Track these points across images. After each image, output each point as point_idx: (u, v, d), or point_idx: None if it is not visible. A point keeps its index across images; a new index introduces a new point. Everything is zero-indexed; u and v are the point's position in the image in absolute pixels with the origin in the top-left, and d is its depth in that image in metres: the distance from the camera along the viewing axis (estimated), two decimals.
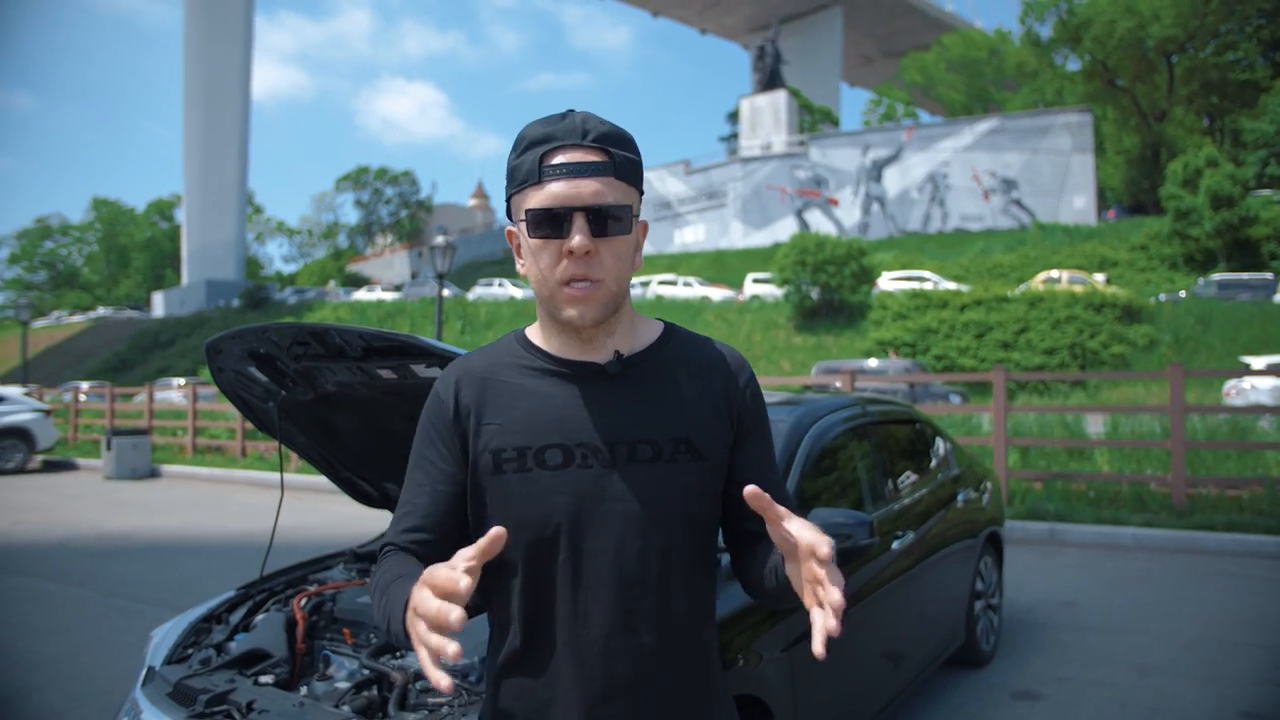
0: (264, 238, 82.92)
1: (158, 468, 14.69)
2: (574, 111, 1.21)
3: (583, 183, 1.16)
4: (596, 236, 1.17)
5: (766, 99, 49.43)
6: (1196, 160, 29.66)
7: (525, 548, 1.20)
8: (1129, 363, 22.59)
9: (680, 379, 1.28)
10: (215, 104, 56.45)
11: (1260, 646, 4.65)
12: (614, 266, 1.19)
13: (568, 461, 1.21)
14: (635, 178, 1.22)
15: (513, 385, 1.26)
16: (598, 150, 1.18)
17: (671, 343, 1.32)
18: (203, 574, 6.87)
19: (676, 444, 1.23)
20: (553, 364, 1.26)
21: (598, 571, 1.20)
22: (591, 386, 1.24)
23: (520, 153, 1.20)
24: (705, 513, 1.26)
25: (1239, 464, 8.69)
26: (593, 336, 1.24)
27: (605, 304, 1.20)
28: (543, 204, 1.16)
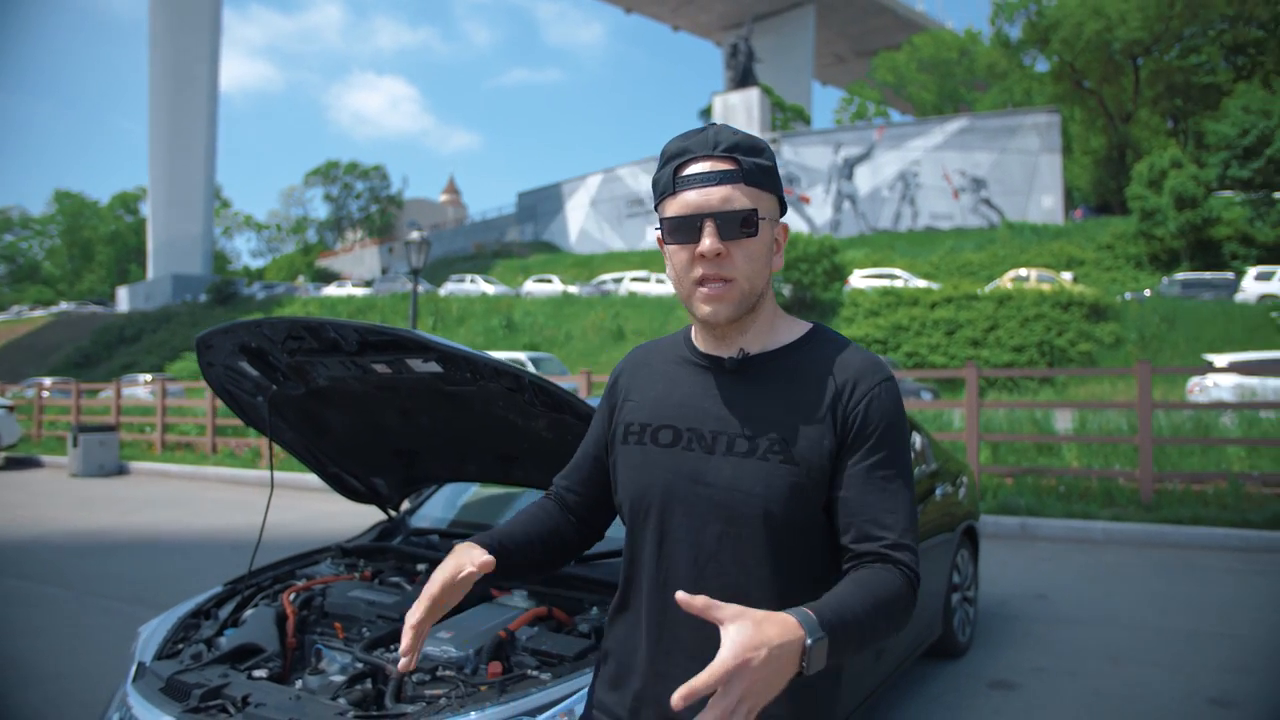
0: (231, 232, 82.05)
1: (126, 465, 14.48)
2: (713, 124, 1.31)
3: (712, 190, 1.25)
4: (725, 240, 1.25)
5: (739, 96, 49.57)
6: (1161, 161, 30.17)
7: (629, 513, 1.38)
8: (1095, 360, 22.96)
9: (799, 382, 1.31)
10: (182, 96, 55.61)
11: (1227, 636, 4.78)
12: (746, 266, 1.27)
13: (675, 442, 1.33)
14: (767, 183, 1.29)
15: (656, 370, 1.42)
16: (727, 159, 1.26)
17: (809, 346, 1.35)
18: (180, 571, 6.81)
19: (771, 443, 1.27)
20: (692, 355, 1.39)
21: (678, 545, 1.31)
22: (715, 379, 1.35)
23: (661, 167, 1.31)
24: (790, 514, 1.26)
25: (1203, 459, 8.88)
26: (726, 333, 1.34)
27: (738, 302, 1.29)
28: (676, 212, 1.27)
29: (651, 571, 1.33)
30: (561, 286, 38.23)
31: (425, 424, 2.80)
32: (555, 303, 35.52)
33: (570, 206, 54.21)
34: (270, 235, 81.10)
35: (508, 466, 2.90)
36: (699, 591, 1.19)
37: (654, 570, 1.33)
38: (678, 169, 1.28)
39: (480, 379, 2.33)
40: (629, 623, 1.39)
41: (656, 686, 1.30)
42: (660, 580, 1.32)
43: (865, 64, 65.77)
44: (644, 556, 1.35)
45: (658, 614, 1.32)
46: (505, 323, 33.26)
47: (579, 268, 45.85)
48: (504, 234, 59.24)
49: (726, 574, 1.27)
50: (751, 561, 1.27)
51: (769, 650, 1.00)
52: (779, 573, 1.28)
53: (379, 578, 2.99)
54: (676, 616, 1.24)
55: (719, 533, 1.28)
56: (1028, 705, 3.90)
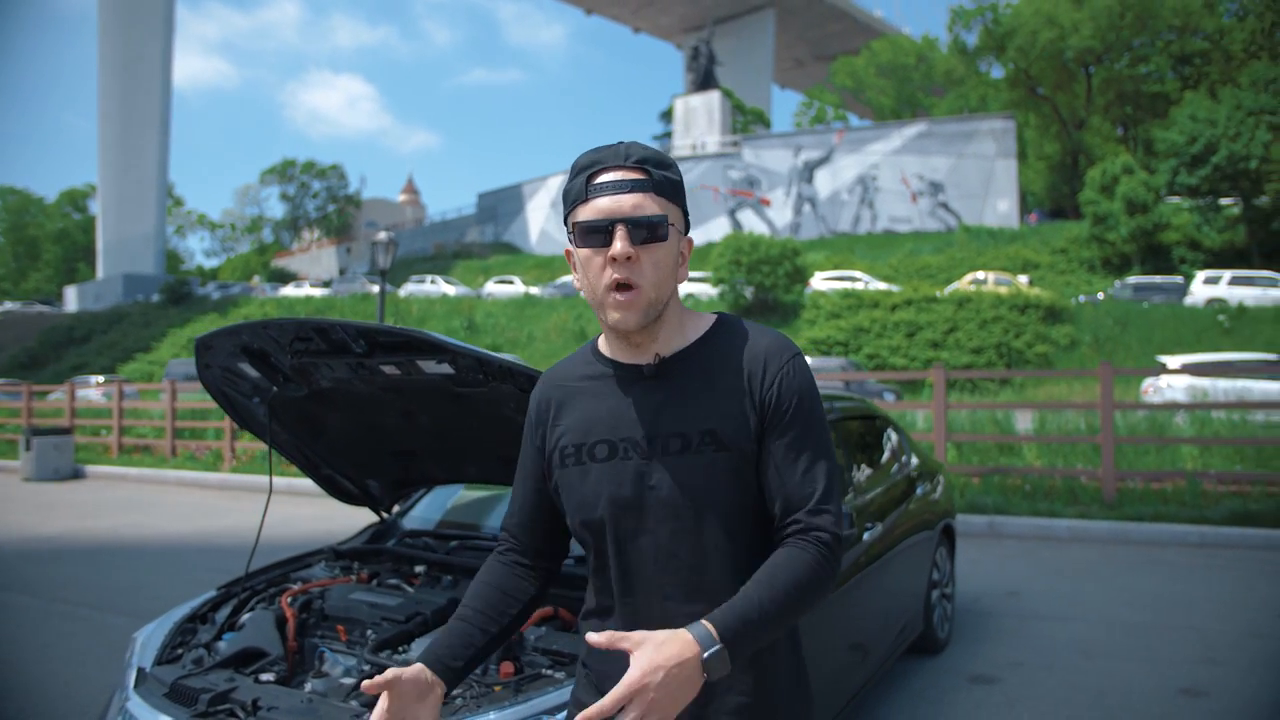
0: (185, 231, 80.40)
1: (81, 468, 14.15)
2: (623, 141, 1.36)
3: (624, 198, 1.30)
4: (635, 244, 1.30)
5: (700, 99, 49.82)
6: (1113, 168, 30.87)
7: (584, 530, 1.42)
8: (1051, 362, 23.43)
9: (714, 374, 1.38)
10: (133, 92, 54.35)
11: (1193, 629, 4.92)
12: (653, 274, 1.31)
13: (612, 455, 1.37)
14: (675, 194, 1.35)
15: (576, 389, 1.45)
16: (638, 169, 1.32)
17: (718, 336, 1.41)
18: (148, 577, 6.68)
19: (703, 436, 1.34)
20: (608, 367, 1.42)
21: (638, 549, 1.37)
22: (635, 387, 1.39)
23: (572, 177, 1.36)
24: (734, 499, 1.35)
25: (1158, 458, 9.13)
26: (640, 341, 1.38)
27: (645, 310, 1.32)
28: (588, 217, 1.31)
29: (618, 578, 1.39)
30: (523, 288, 38.07)
31: (427, 425, 2.79)
32: (517, 304, 35.37)
33: (531, 207, 54.01)
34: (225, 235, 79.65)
35: (509, 468, 2.90)
36: (664, 586, 1.35)
37: (620, 577, 1.39)
38: (590, 177, 1.32)
39: (492, 380, 2.33)
40: (603, 627, 1.41)
41: None
42: (626, 585, 1.39)
43: (824, 68, 66.43)
44: (608, 567, 1.40)
45: (629, 617, 1.38)
46: (467, 324, 33.05)
47: (540, 269, 45.69)
48: (464, 235, 58.82)
49: (686, 566, 1.35)
50: (708, 549, 1.34)
51: (666, 671, 1.14)
52: (735, 554, 1.35)
53: (377, 580, 2.98)
54: (649, 616, 1.36)
55: (672, 530, 1.34)
56: (1009, 699, 3.98)
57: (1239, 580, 6.06)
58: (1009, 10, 45.47)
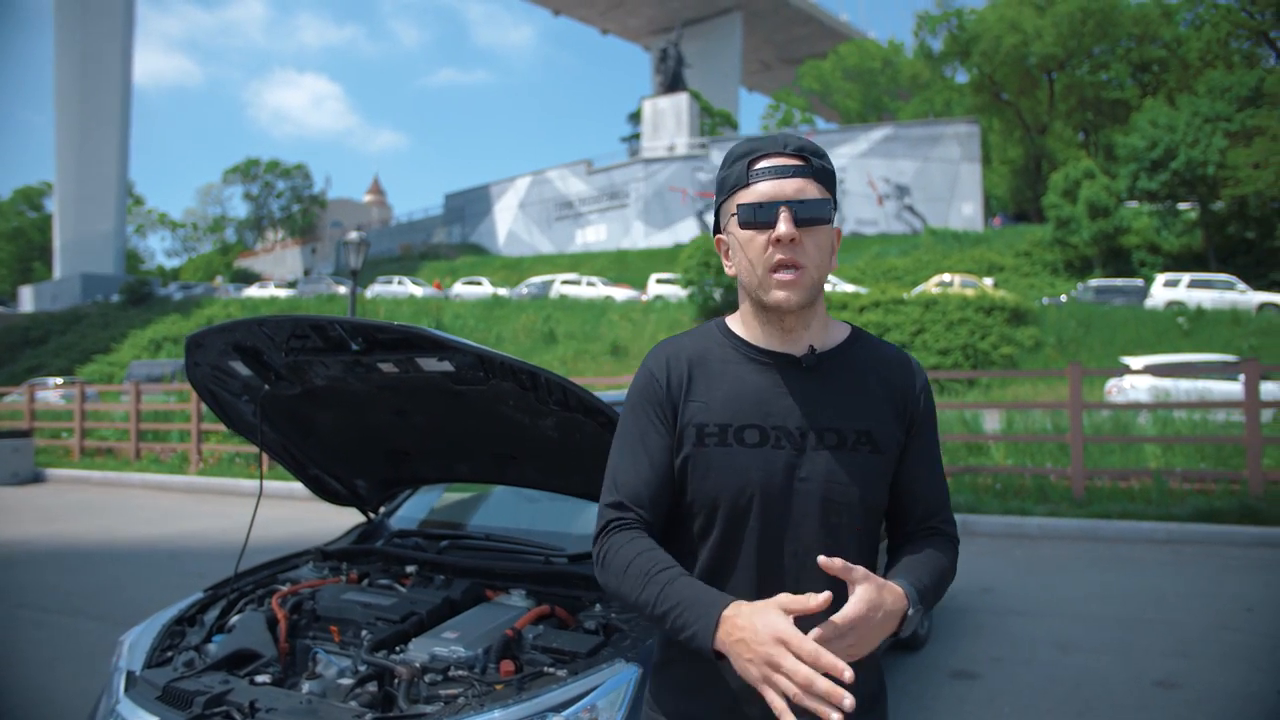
0: (145, 230, 78.91)
1: (42, 471, 13.86)
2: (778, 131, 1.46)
3: (785, 182, 1.32)
4: (799, 227, 1.31)
5: (668, 101, 49.93)
6: (1075, 172, 31.43)
7: (722, 514, 1.35)
8: (1016, 363, 23.76)
9: (866, 377, 1.41)
10: (92, 88, 53.28)
11: (1164, 622, 5.02)
12: (816, 254, 1.34)
13: (763, 441, 1.35)
14: (830, 183, 1.37)
15: (716, 368, 1.40)
16: (797, 156, 1.34)
17: (859, 344, 1.45)
18: (116, 580, 6.56)
19: (859, 435, 1.37)
20: (754, 353, 1.40)
21: (780, 540, 1.35)
22: (788, 376, 1.38)
23: (729, 165, 1.37)
24: (878, 499, 1.40)
25: (1123, 457, 9.31)
26: (792, 328, 1.38)
27: (809, 289, 1.34)
28: (752, 199, 1.33)
29: (750, 570, 1.35)
30: (491, 289, 37.90)
31: (420, 424, 2.77)
32: (485, 305, 35.19)
33: (499, 209, 53.79)
34: (186, 234, 78.39)
35: (503, 466, 2.89)
36: (799, 581, 1.33)
37: (753, 569, 1.35)
38: (750, 163, 1.34)
39: (493, 377, 2.32)
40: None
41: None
42: (759, 578, 1.35)
43: (791, 71, 66.91)
44: (740, 556, 1.35)
45: None
46: (435, 325, 32.81)
47: (507, 270, 45.54)
48: (431, 235, 58.42)
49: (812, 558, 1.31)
50: (848, 549, 1.35)
51: (884, 611, 1.20)
52: (862, 552, 1.39)
53: (367, 580, 2.95)
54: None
55: (819, 525, 1.35)
56: (989, 693, 4.04)
57: (1206, 575, 6.20)
58: (973, 16, 46.13)
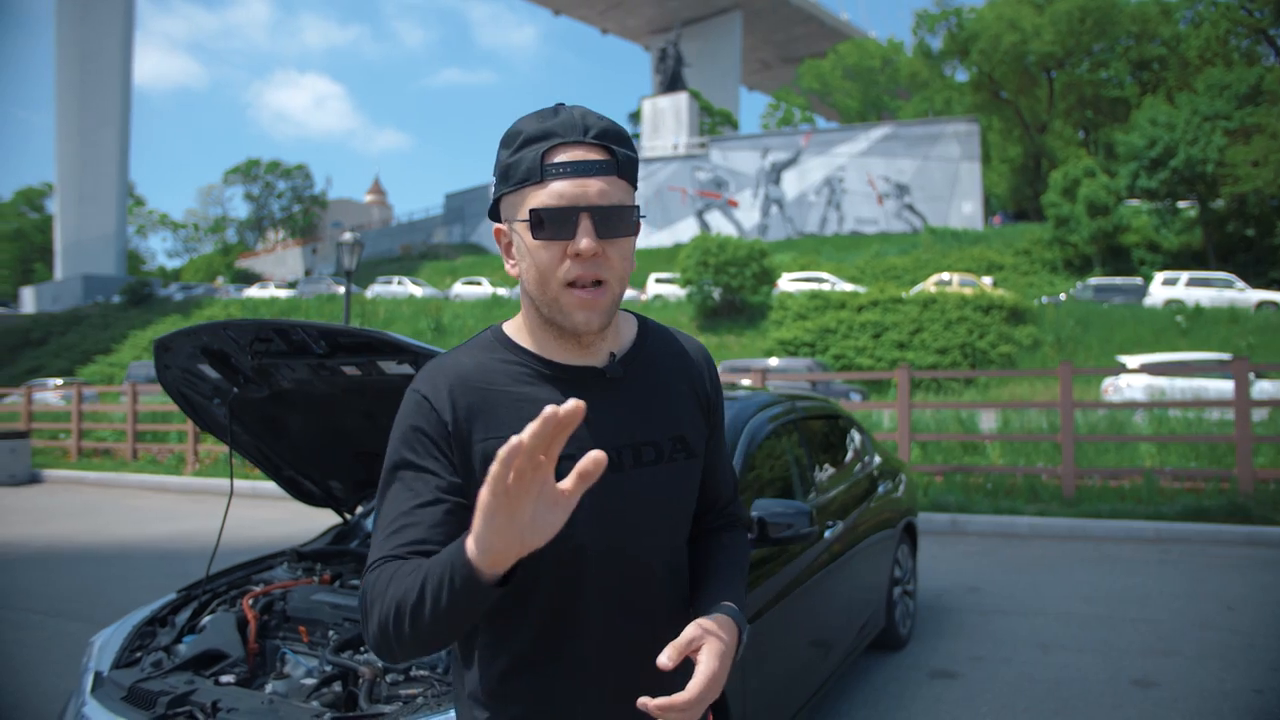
0: (146, 231, 79.01)
1: (39, 472, 13.89)
2: (564, 105, 1.17)
3: (588, 182, 1.11)
4: (602, 238, 1.12)
5: (668, 100, 49.94)
6: (1075, 171, 31.42)
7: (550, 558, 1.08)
8: (1014, 362, 23.77)
9: (664, 376, 1.28)
10: (92, 90, 53.35)
11: (1146, 621, 5.03)
12: (620, 267, 1.15)
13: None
14: (635, 176, 1.18)
15: (510, 393, 1.18)
16: (600, 148, 1.13)
17: (650, 337, 1.31)
18: (102, 582, 6.58)
19: (674, 443, 1.24)
20: (548, 369, 1.20)
21: (614, 569, 1.19)
22: (591, 392, 1.17)
23: (516, 149, 1.14)
24: (692, 506, 1.32)
25: (1118, 456, 9.31)
26: (590, 342, 1.21)
27: (610, 308, 1.17)
28: (547, 204, 1.11)
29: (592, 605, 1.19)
30: (491, 289, 37.92)
31: (388, 426, 2.78)
32: (485, 305, 35.21)
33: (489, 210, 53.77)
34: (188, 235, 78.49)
35: None
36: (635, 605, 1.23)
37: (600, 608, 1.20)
38: (544, 154, 1.12)
39: None
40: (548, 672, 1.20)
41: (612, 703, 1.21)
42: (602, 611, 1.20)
43: (791, 71, 66.91)
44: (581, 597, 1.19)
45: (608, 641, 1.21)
46: (434, 325, 32.84)
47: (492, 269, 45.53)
48: (431, 235, 58.46)
49: (669, 582, 1.27)
50: (680, 561, 1.30)
51: (730, 656, 1.16)
52: (676, 552, 1.30)
53: (339, 581, 2.97)
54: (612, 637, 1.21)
55: (652, 546, 1.24)
56: (968, 693, 4.05)
57: (1190, 574, 6.21)
58: (972, 15, 46.12)
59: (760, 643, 2.86)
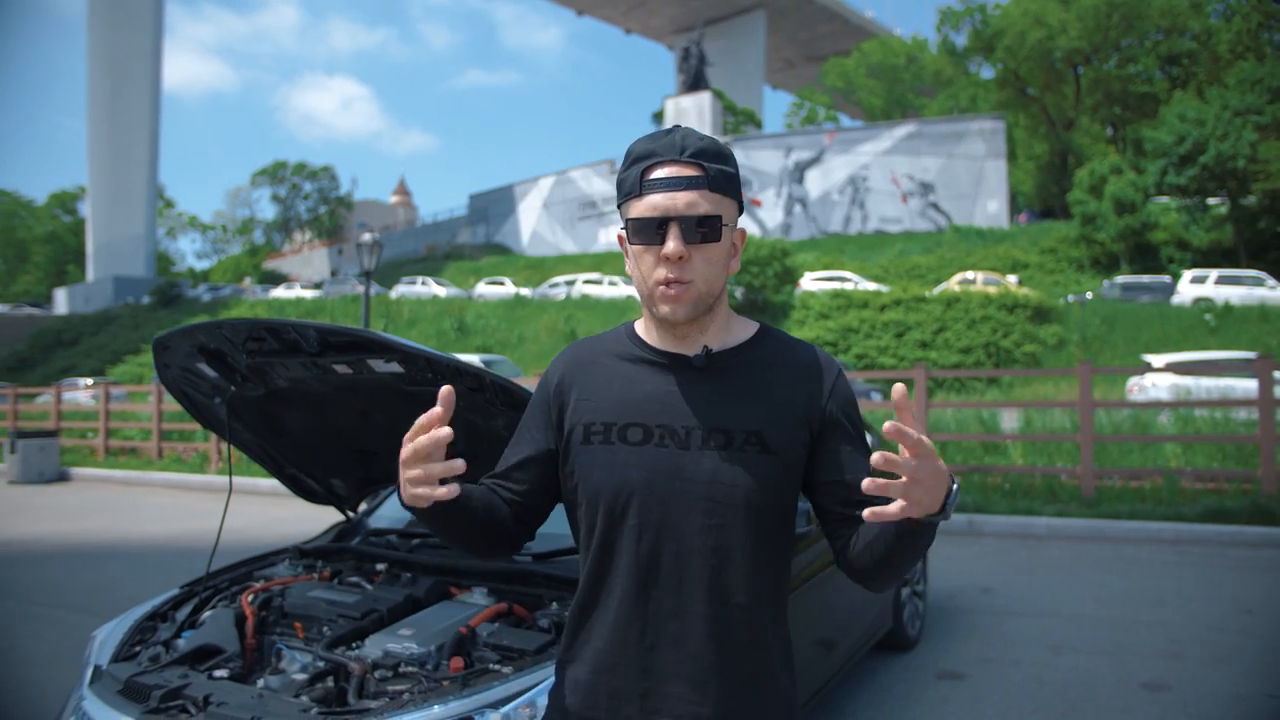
0: (175, 233, 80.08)
1: (67, 471, 14.13)
2: (679, 128, 1.35)
3: (679, 195, 1.29)
4: (689, 244, 1.29)
5: (691, 100, 49.83)
6: (1102, 168, 31.01)
7: (603, 511, 1.36)
8: (1039, 361, 23.51)
9: (764, 377, 1.38)
10: (122, 94, 54.22)
11: (1160, 624, 4.97)
12: (705, 270, 1.32)
13: (646, 439, 1.34)
14: (730, 189, 1.34)
15: (609, 368, 1.41)
16: (693, 165, 1.30)
17: (764, 343, 1.42)
18: (123, 578, 6.68)
19: (748, 436, 1.33)
20: (648, 353, 1.40)
21: (660, 540, 1.33)
22: (679, 376, 1.37)
23: (627, 167, 1.34)
24: (769, 502, 1.34)
25: (1141, 456, 9.18)
26: (687, 333, 1.37)
27: (695, 303, 1.32)
28: (641, 214, 1.31)
29: (630, 568, 1.34)
30: (514, 289, 38.06)
31: (384, 424, 2.81)
32: (508, 305, 35.36)
33: (522, 208, 53.98)
34: (216, 236, 79.47)
35: (469, 467, 2.92)
36: (681, 581, 1.32)
37: (633, 567, 1.34)
38: (644, 171, 1.31)
39: (441, 379, 2.36)
40: (600, 622, 1.37)
41: (642, 682, 1.33)
42: (641, 579, 1.34)
43: (815, 69, 66.58)
44: (620, 554, 1.35)
45: (639, 609, 1.33)
46: (457, 325, 33.02)
47: (531, 270, 45.67)
48: (455, 236, 58.76)
49: (708, 564, 1.32)
50: (733, 549, 1.33)
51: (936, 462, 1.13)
52: (757, 557, 1.35)
53: (338, 578, 3.00)
54: (661, 609, 1.33)
55: (700, 525, 1.32)
56: (974, 694, 4.02)
57: (1209, 576, 6.12)
58: (997, 11, 45.63)
59: None
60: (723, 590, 1.33)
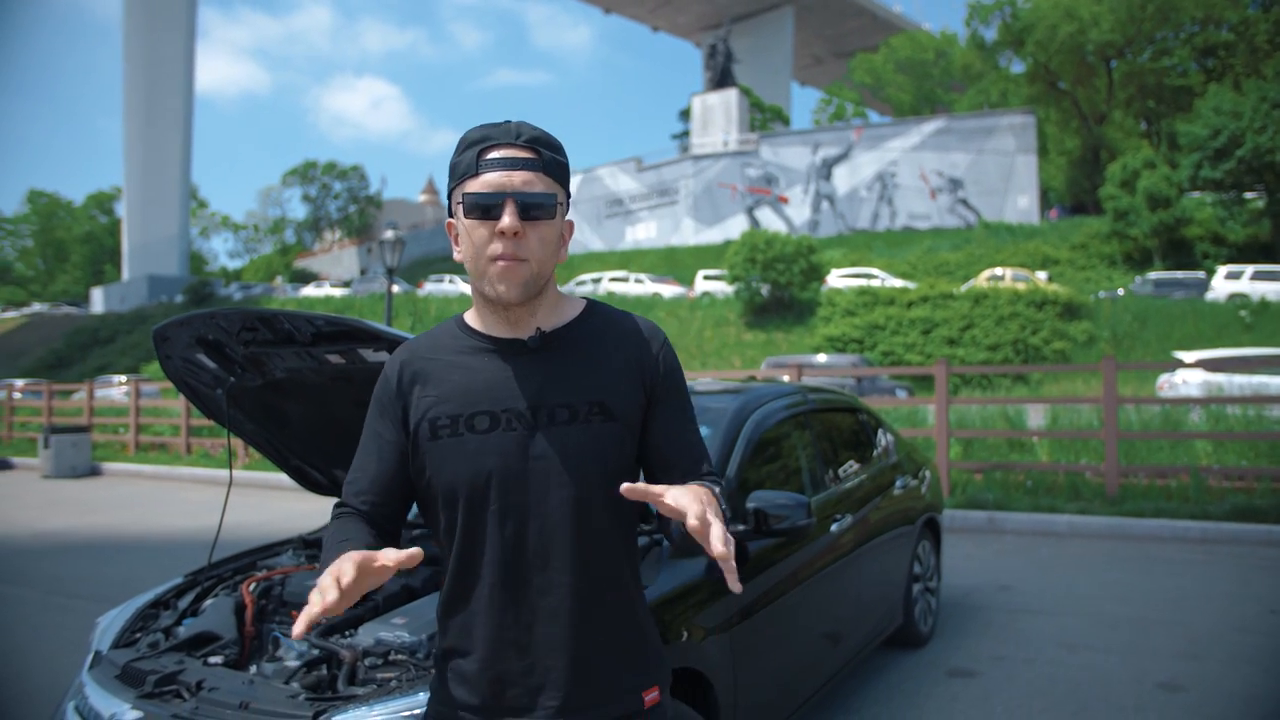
0: (209, 233, 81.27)
1: (98, 465, 14.37)
2: (510, 121, 1.38)
3: (515, 174, 1.33)
4: (523, 220, 1.32)
5: (718, 97, 49.71)
6: (1134, 162, 30.54)
7: (462, 503, 1.37)
8: (1069, 358, 23.22)
9: (596, 349, 1.43)
10: (157, 96, 55.14)
11: (1179, 624, 4.88)
12: (539, 249, 1.35)
13: (494, 426, 1.37)
14: (562, 177, 1.38)
15: (447, 361, 1.42)
16: (528, 149, 1.35)
17: (592, 318, 1.47)
18: (147, 570, 6.77)
19: (591, 406, 1.38)
20: (483, 341, 1.42)
21: (523, 520, 1.36)
22: (517, 360, 1.40)
23: (461, 152, 1.36)
24: (619, 468, 1.39)
25: (1171, 454, 9.00)
26: (519, 317, 1.40)
27: (528, 282, 1.35)
28: (478, 190, 1.33)
29: (497, 553, 1.36)
30: None
31: None
32: None
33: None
34: (248, 236, 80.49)
35: None
36: (550, 558, 1.36)
37: (499, 551, 1.36)
38: (481, 153, 1.34)
39: None
40: (473, 611, 1.38)
41: (522, 660, 1.36)
42: (509, 562, 1.36)
43: (843, 65, 66.13)
44: (485, 541, 1.36)
45: (510, 591, 1.36)
46: None
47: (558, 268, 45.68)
48: None
49: (570, 536, 1.37)
50: (593, 519, 1.38)
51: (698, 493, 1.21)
52: (614, 519, 1.41)
53: None
54: (530, 588, 1.37)
55: (560, 499, 1.36)
56: (985, 692, 3.97)
57: (1234, 576, 6.00)
58: (1028, 4, 45.04)
59: (756, 635, 2.84)
60: (587, 560, 1.38)
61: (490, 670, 1.37)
